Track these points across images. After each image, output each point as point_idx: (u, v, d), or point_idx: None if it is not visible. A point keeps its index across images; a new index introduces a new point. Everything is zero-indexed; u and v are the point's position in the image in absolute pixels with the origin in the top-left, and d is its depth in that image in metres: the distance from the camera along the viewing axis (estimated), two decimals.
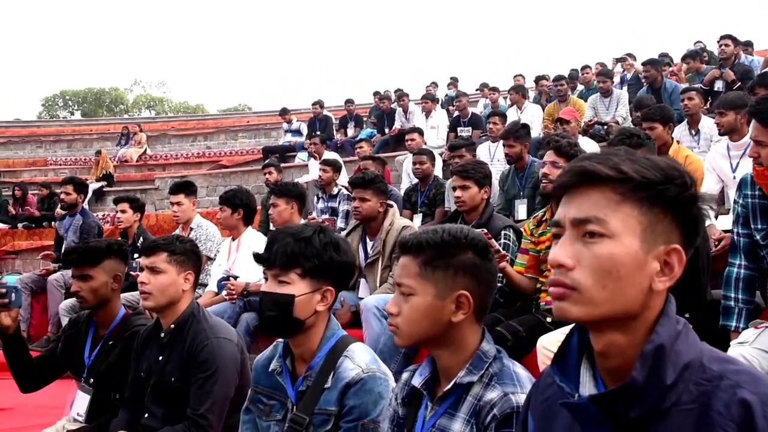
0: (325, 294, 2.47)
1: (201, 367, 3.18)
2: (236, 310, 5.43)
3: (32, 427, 4.11)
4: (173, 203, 6.52)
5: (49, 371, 3.87)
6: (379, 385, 2.35)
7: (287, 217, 5.73)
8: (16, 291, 3.55)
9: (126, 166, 18.15)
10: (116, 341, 3.69)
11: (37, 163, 21.44)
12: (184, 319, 3.35)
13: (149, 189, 14.78)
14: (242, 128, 22.05)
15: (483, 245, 2.02)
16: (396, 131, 13.47)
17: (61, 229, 8.03)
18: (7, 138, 25.06)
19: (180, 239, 3.48)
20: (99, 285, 3.65)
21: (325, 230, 2.51)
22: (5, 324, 3.57)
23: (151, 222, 10.81)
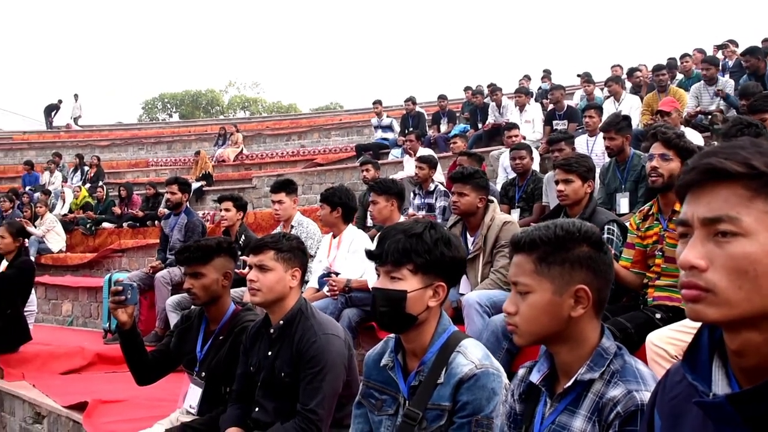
0: (437, 289, 2.47)
1: (310, 363, 3.23)
2: (338, 306, 5.48)
3: (146, 419, 4.25)
4: (274, 201, 6.63)
5: (164, 365, 4.00)
6: (493, 381, 2.34)
7: (387, 215, 5.76)
8: (132, 289, 3.69)
9: (224, 166, 18.60)
10: (227, 336, 3.79)
11: (139, 164, 22.22)
12: (293, 316, 3.41)
13: (247, 188, 15.09)
14: (335, 126, 22.29)
15: (597, 238, 1.99)
16: (489, 126, 13.37)
17: (166, 228, 8.28)
18: (111, 141, 26.07)
19: (287, 237, 3.55)
20: (210, 282, 3.76)
21: (436, 226, 2.52)
22: (122, 320, 3.71)
23: (250, 220, 11.04)
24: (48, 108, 32.63)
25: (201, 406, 3.81)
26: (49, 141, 27.27)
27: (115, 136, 27.72)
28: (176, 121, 42.81)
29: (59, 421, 5.48)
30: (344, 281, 5.52)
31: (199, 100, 57.96)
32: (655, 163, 4.19)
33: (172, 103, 58.69)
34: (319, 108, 47.39)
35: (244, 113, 54.24)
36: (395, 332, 2.56)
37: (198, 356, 3.84)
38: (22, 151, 26.07)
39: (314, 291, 5.85)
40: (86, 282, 10.65)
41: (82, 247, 13.82)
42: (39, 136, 29.56)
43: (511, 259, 2.09)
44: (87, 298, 10.20)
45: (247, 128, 24.51)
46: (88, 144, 25.39)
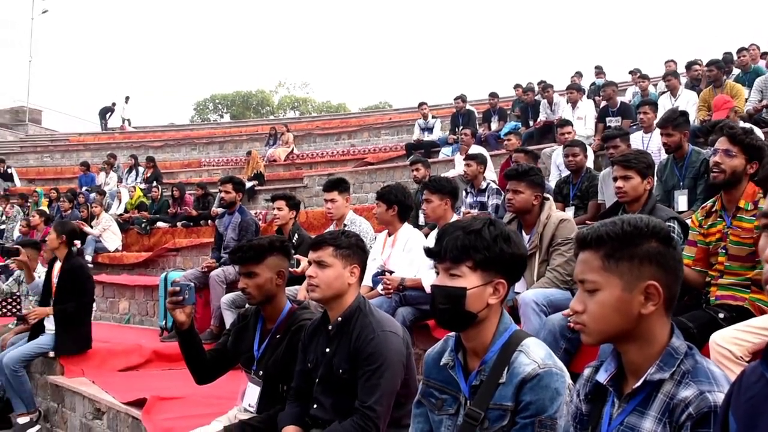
0: (497, 287, 2.44)
1: (368, 360, 3.23)
2: (392, 304, 5.47)
3: (204, 416, 4.28)
4: (327, 200, 6.64)
5: (222, 364, 4.03)
6: (556, 380, 2.30)
7: (440, 213, 5.72)
8: (189, 289, 3.72)
9: (275, 165, 18.73)
10: (283, 335, 3.80)
11: (192, 164, 22.50)
12: (351, 312, 3.41)
13: (298, 187, 15.18)
14: (384, 125, 22.30)
15: (666, 233, 1.95)
16: (541, 123, 13.25)
17: (220, 227, 8.36)
18: (164, 141, 26.46)
19: (346, 234, 3.55)
20: (264, 281, 3.77)
21: (495, 222, 2.49)
22: (180, 320, 3.75)
23: (302, 219, 11.08)
24: (102, 110, 33.32)
25: (260, 404, 3.83)
26: (104, 142, 27.82)
27: (168, 136, 28.14)
28: (227, 121, 43.33)
29: (118, 417, 5.57)
30: (398, 280, 5.50)
31: (249, 101, 58.54)
32: (718, 158, 4.09)
33: (224, 103, 59.36)
34: (369, 107, 47.48)
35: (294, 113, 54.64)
36: (455, 330, 2.53)
37: (255, 355, 3.86)
38: (78, 152, 26.64)
39: (368, 289, 5.84)
40: (142, 280, 10.81)
41: (137, 246, 14.04)
42: (94, 138, 30.17)
43: (577, 257, 2.04)
44: (143, 297, 10.36)
45: (298, 128, 24.66)
46: (142, 145, 25.81)
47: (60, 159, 26.98)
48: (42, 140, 31.96)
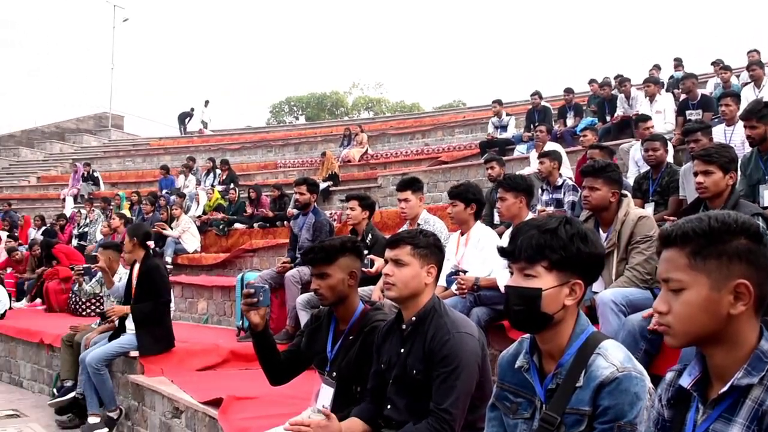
0: (574, 287, 2.36)
1: (443, 362, 3.18)
2: (466, 304, 5.41)
3: (279, 416, 4.29)
4: (401, 200, 6.61)
5: (296, 365, 4.04)
6: (636, 384, 2.21)
7: (515, 211, 5.63)
8: (264, 291, 3.73)
9: (349, 166, 18.81)
10: (356, 336, 3.78)
11: (268, 166, 22.77)
12: (426, 313, 3.37)
13: (372, 187, 15.20)
14: (458, 124, 22.17)
15: (756, 229, 1.84)
16: (618, 118, 12.95)
17: (295, 228, 8.42)
18: (241, 144, 26.89)
19: (424, 233, 3.51)
20: (336, 282, 3.76)
21: (572, 221, 2.40)
22: (255, 322, 3.77)
23: (376, 219, 11.07)
24: (181, 115, 34.09)
25: (333, 405, 3.81)
26: (183, 146, 28.44)
27: (245, 139, 28.58)
28: (303, 123, 43.82)
29: (196, 416, 5.65)
30: (472, 279, 5.43)
31: (324, 102, 59.04)
32: None
33: (299, 105, 60.00)
34: (442, 106, 47.31)
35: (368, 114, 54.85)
36: (530, 332, 2.46)
37: (328, 356, 3.85)
38: (158, 156, 27.31)
39: (442, 289, 5.78)
40: (220, 281, 10.97)
41: (215, 247, 14.28)
42: (174, 142, 30.88)
43: (659, 255, 1.95)
44: (221, 297, 10.51)
45: (372, 128, 24.73)
46: (220, 148, 26.28)
47: (141, 163, 27.71)
48: (124, 145, 32.92)
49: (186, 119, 33.97)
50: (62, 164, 29.76)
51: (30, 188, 26.78)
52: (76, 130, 36.61)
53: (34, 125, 36.03)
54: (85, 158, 27.14)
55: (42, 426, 7.45)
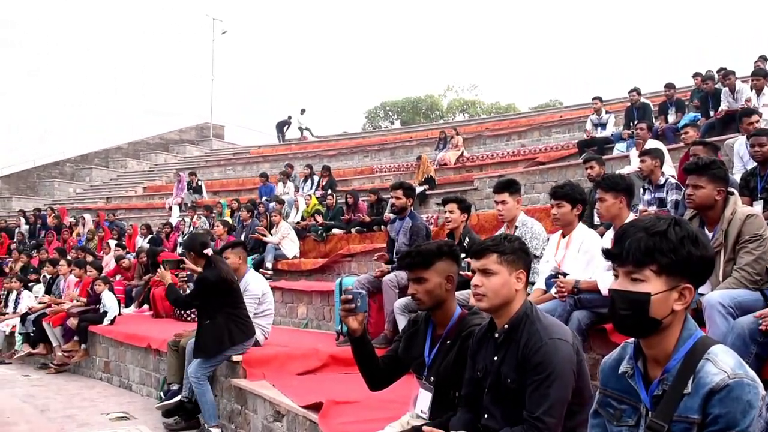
0: (683, 292, 2.27)
1: (536, 370, 3.12)
2: (566, 308, 5.29)
3: (378, 420, 4.30)
4: (498, 202, 6.54)
5: (394, 370, 4.04)
6: (748, 392, 2.11)
7: (615, 212, 5.48)
8: (362, 297, 3.75)
9: (445, 169, 18.77)
10: (454, 341, 3.75)
11: (365, 171, 22.95)
12: (518, 319, 3.31)
13: (469, 189, 15.11)
14: (555, 123, 21.84)
15: None
16: (723, 113, 12.46)
17: (392, 232, 8.44)
18: (338, 150, 27.22)
19: (508, 238, 3.45)
20: (433, 286, 3.74)
21: (681, 222, 2.31)
22: (353, 327, 3.79)
23: (473, 222, 11.00)
24: (279, 124, 34.84)
25: (432, 410, 3.80)
26: (282, 153, 29.01)
27: (341, 145, 28.93)
28: (398, 127, 43.96)
29: (297, 420, 5.72)
30: (573, 282, 5.31)
31: (419, 106, 59.17)
32: None
33: (394, 110, 60.34)
34: (539, 106, 46.74)
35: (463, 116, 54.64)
36: (636, 337, 2.38)
37: (426, 361, 3.83)
38: (257, 164, 27.93)
39: (542, 292, 5.70)
40: (319, 286, 11.09)
41: (314, 252, 14.45)
42: (272, 150, 31.57)
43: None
44: (320, 302, 10.64)
45: (467, 131, 24.63)
46: (317, 154, 26.68)
47: (241, 171, 28.40)
48: (225, 154, 33.87)
49: (284, 127, 34.70)
50: (167, 174, 30.85)
51: (137, 198, 27.87)
52: (179, 141, 37.89)
53: (140, 137, 37.46)
54: (188, 168, 28.02)
55: (150, 428, 7.70)
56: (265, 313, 7.94)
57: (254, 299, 7.77)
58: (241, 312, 7.38)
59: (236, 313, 7.32)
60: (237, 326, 7.27)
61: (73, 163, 34.21)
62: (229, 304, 7.28)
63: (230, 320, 7.24)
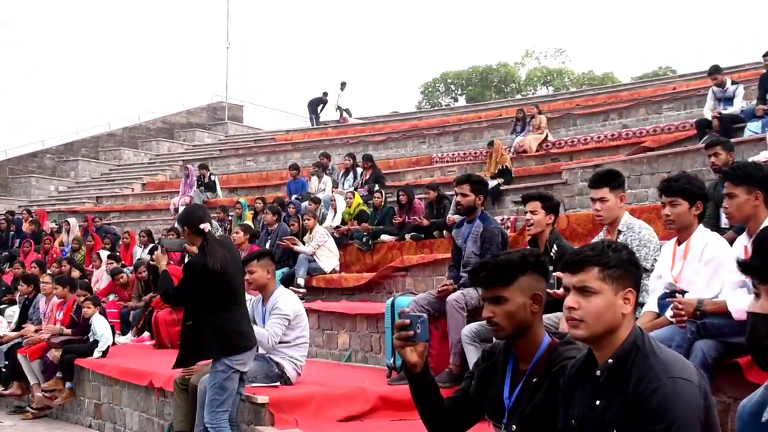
0: None
1: (652, 419, 3.08)
2: (686, 336, 5.22)
3: None
4: (594, 200, 6.46)
5: (464, 415, 4.01)
6: None
7: (749, 212, 5.39)
8: (422, 322, 3.73)
9: (524, 158, 18.69)
10: (541, 378, 3.71)
11: (421, 161, 22.93)
12: (626, 352, 3.27)
13: (555, 184, 15.00)
14: (667, 98, 21.61)
15: None
16: None
17: (458, 239, 8.40)
18: (386, 135, 27.24)
19: (612, 247, 3.40)
20: (515, 308, 3.70)
21: None
22: (411, 361, 3.76)
23: (561, 225, 10.90)
24: (312, 102, 34.93)
25: None
26: (316, 140, 29.15)
27: (391, 128, 28.96)
28: (463, 105, 43.95)
29: None
30: (695, 303, 5.23)
31: (489, 78, 59.11)
32: None
33: (457, 83, 60.35)
34: (644, 75, 46.33)
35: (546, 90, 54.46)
36: None
37: (506, 404, 3.80)
38: (285, 153, 28.12)
39: (653, 316, 5.63)
40: (365, 308, 11.10)
41: (358, 265, 14.48)
42: (304, 135, 31.73)
43: None
44: (366, 328, 10.64)
45: (552, 108, 24.48)
46: (360, 140, 26.75)
47: (265, 162, 28.62)
48: (244, 141, 34.13)
49: (318, 107, 34.81)
50: (171, 167, 31.27)
51: (134, 197, 28.26)
52: (187, 125, 38.43)
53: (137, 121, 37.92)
54: (198, 159, 28.35)
55: None
56: (297, 341, 7.97)
57: (283, 322, 7.81)
58: (233, 315, 7.08)
59: (225, 316, 7.01)
60: (221, 332, 6.95)
61: (55, 154, 34.80)
62: (214, 301, 6.99)
63: (215, 324, 6.96)
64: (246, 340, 7.10)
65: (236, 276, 7.20)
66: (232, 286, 7.13)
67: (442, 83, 61.16)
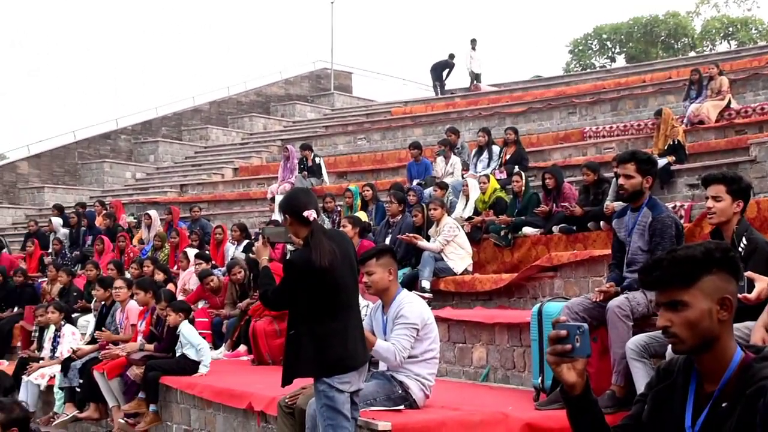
0: None
1: None
2: None
3: None
4: None
5: None
6: None
7: None
8: (582, 333, 3.68)
9: (701, 130, 18.38)
10: (733, 402, 3.65)
11: (571, 136, 22.76)
12: None
13: (741, 162, 14.73)
14: None
15: None
16: None
17: (620, 231, 8.30)
18: (527, 105, 27.14)
19: None
20: (698, 315, 3.65)
21: None
22: (569, 381, 3.73)
23: (751, 213, 10.67)
24: (436, 67, 34.94)
25: None
26: (441, 113, 29.24)
27: (533, 96, 28.84)
28: (622, 66, 43.40)
29: None
30: None
31: (655, 32, 58.24)
32: None
33: (614, 39, 59.64)
34: None
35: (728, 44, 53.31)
36: None
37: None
38: (404, 129, 28.22)
39: None
40: (505, 316, 11.06)
41: (495, 264, 14.45)
42: (426, 107, 31.80)
43: None
44: (507, 341, 10.59)
45: (735, 67, 24.05)
46: (495, 112, 26.69)
47: (379, 141, 28.75)
48: (354, 116, 34.37)
49: (443, 72, 34.76)
50: (267, 148, 31.65)
51: (224, 185, 28.64)
52: (285, 98, 38.90)
53: (226, 94, 38.45)
54: (299, 138, 28.72)
55: None
56: (425, 356, 7.99)
57: (411, 332, 7.86)
58: (338, 324, 7.07)
59: (329, 325, 7.02)
60: (322, 345, 6.98)
61: (131, 134, 35.63)
62: (317, 306, 7.02)
63: (315, 334, 6.98)
64: (353, 357, 7.08)
65: (346, 276, 7.18)
66: (340, 289, 7.11)
67: (595, 40, 60.55)
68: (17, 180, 31.40)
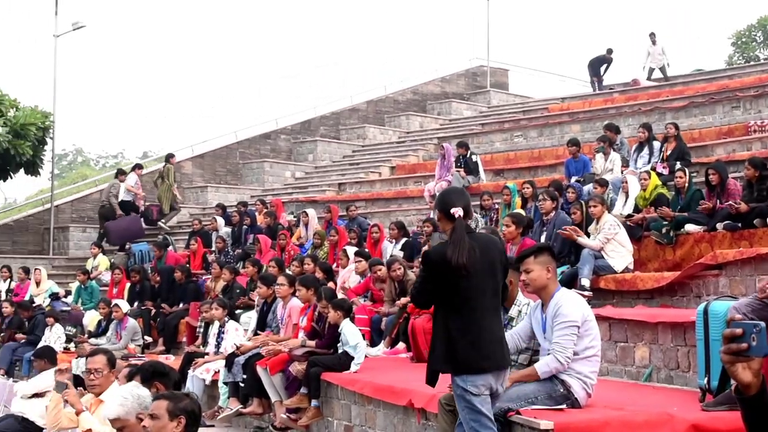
0: None
1: None
2: None
3: None
4: None
5: None
6: None
7: None
8: (759, 332, 3.57)
9: None
10: None
11: (735, 131, 22.23)
12: None
13: None
14: None
15: None
16: None
17: None
18: (688, 99, 26.61)
19: None
20: None
21: None
22: (744, 381, 3.62)
23: None
24: (594, 62, 34.63)
25: None
26: (599, 108, 28.90)
27: (694, 91, 28.28)
28: None
29: None
30: None
31: None
32: None
33: None
34: None
35: None
36: None
37: None
38: (562, 125, 28.01)
39: None
40: (668, 315, 10.92)
41: (656, 262, 14.24)
42: (584, 103, 31.48)
43: None
44: (671, 340, 10.44)
45: None
46: (655, 107, 26.28)
47: (537, 138, 28.59)
48: (510, 112, 34.22)
49: (601, 67, 34.43)
50: (424, 147, 31.74)
51: (381, 183, 28.82)
52: (441, 96, 38.95)
53: (383, 93, 38.74)
54: (456, 136, 28.70)
55: None
56: (586, 353, 7.93)
57: (572, 330, 7.81)
58: (469, 323, 7.17)
59: (458, 322, 7.17)
60: (450, 342, 7.15)
61: (290, 134, 36.09)
62: (448, 302, 7.23)
63: (444, 330, 7.19)
64: (487, 359, 7.14)
65: (484, 278, 7.25)
66: (474, 288, 7.20)
67: (759, 31, 58.98)
68: (182, 179, 32.01)
